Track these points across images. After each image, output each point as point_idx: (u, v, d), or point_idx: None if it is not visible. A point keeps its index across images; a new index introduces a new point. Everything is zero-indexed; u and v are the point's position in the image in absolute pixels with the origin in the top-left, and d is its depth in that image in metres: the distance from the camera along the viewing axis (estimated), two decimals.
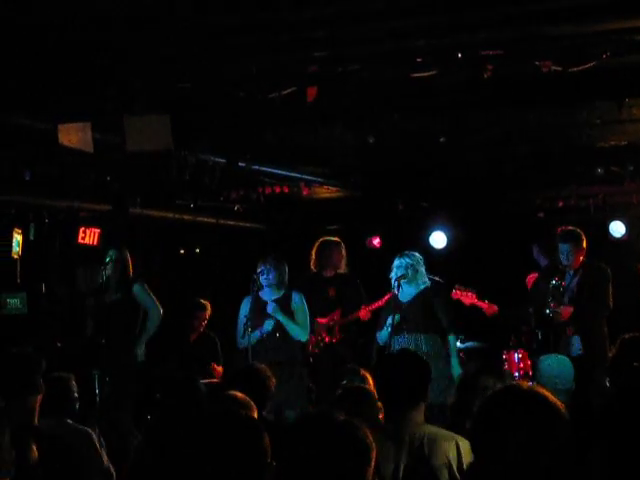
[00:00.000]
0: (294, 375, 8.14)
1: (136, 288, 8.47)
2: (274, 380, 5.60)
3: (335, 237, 9.70)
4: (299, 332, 8.32)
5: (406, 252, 8.23)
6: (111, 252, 8.53)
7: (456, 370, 8.11)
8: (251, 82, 6.70)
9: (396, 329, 7.97)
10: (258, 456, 3.00)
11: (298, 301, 8.35)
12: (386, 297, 8.68)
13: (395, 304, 8.12)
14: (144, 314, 8.49)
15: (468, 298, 8.93)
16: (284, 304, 8.32)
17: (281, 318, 8.24)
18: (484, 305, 9.22)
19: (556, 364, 6.99)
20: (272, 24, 5.71)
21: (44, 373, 4.96)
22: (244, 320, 8.19)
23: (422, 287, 8.19)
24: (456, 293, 8.87)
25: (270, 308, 8.27)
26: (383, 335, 8.14)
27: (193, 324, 10.06)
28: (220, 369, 9.77)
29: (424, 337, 7.98)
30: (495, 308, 9.21)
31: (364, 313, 9.11)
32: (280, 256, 8.50)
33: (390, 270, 8.17)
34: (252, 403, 4.53)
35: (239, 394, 4.58)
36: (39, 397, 4.89)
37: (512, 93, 7.05)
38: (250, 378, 5.41)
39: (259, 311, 8.26)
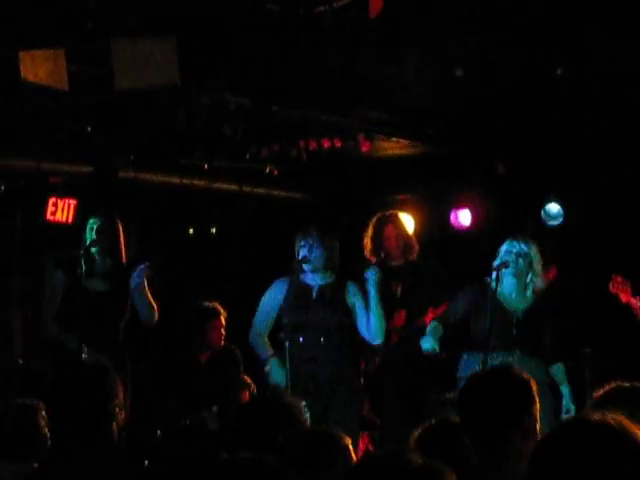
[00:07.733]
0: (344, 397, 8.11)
1: (136, 279, 8.33)
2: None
3: (400, 211, 9.64)
4: (379, 327, 8.32)
5: (522, 236, 8.20)
6: (92, 221, 8.40)
7: (569, 404, 8.11)
8: None
9: (503, 345, 7.97)
10: None
11: (357, 292, 8.25)
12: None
13: (494, 302, 8.02)
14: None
15: (626, 294, 8.88)
16: (336, 295, 8.24)
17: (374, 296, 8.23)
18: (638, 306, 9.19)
19: None
20: None
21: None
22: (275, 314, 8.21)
23: (533, 290, 8.13)
24: (614, 285, 8.81)
25: (370, 275, 8.22)
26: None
27: (203, 339, 9.93)
28: (246, 395, 9.79)
29: (535, 361, 7.95)
30: None
31: (430, 318, 9.03)
32: (328, 230, 8.41)
33: (494, 257, 8.07)
34: None
35: None
36: None
37: None
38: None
39: (301, 302, 8.23)
